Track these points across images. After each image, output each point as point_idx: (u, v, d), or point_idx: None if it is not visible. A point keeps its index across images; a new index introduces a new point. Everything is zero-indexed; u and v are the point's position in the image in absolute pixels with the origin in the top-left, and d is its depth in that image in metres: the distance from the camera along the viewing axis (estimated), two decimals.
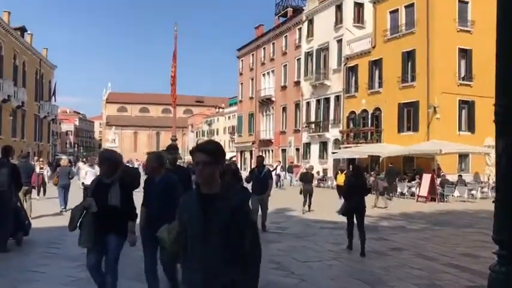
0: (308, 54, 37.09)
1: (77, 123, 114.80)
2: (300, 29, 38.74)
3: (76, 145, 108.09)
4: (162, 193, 4.78)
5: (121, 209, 4.54)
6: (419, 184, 21.63)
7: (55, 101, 53.60)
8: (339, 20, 33.55)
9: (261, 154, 43.12)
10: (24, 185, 9.52)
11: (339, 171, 20.56)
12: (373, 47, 30.06)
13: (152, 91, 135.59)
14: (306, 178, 15.88)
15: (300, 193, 15.78)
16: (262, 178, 10.57)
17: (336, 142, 33.08)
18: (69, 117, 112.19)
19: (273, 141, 42.84)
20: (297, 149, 38.68)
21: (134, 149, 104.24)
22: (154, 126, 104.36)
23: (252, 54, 48.23)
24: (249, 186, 9.58)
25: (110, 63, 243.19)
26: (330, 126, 34.08)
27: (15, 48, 41.62)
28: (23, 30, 46.01)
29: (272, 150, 43.20)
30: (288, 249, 8.77)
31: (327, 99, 34.63)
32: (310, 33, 37.04)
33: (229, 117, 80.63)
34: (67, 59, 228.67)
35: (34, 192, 15.02)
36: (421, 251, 8.87)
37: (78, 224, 4.59)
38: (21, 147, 42.75)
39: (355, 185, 8.76)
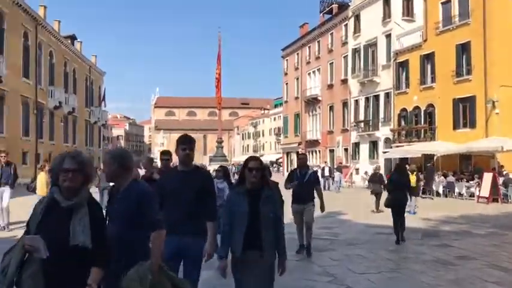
0: (355, 51, 35.95)
1: (127, 128, 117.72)
2: (346, 26, 37.66)
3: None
4: (124, 213, 3.13)
5: (92, 251, 2.65)
6: (479, 184, 20.26)
7: (105, 106, 54.87)
8: (387, 14, 32.27)
9: (303, 152, 42.10)
10: None
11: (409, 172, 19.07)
12: (425, 41, 28.62)
13: (199, 95, 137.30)
14: (375, 178, 16.22)
15: (371, 193, 16.05)
16: (306, 183, 8.17)
17: (387, 141, 31.79)
18: (119, 122, 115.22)
19: (320, 141, 41.88)
20: (346, 149, 37.57)
21: None
22: (201, 129, 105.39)
23: (297, 54, 47.47)
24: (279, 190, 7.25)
25: (158, 68, 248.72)
26: (380, 124, 32.81)
27: (65, 56, 42.82)
28: (73, 38, 47.35)
29: (319, 151, 42.23)
30: (342, 259, 8.05)
31: (376, 97, 33.39)
32: (356, 29, 35.90)
33: (274, 119, 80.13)
34: (117, 66, 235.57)
35: None
36: (494, 260, 7.91)
37: (14, 280, 2.62)
38: None
39: (398, 181, 9.91)
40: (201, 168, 4.98)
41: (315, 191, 8.33)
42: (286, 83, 50.39)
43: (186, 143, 4.22)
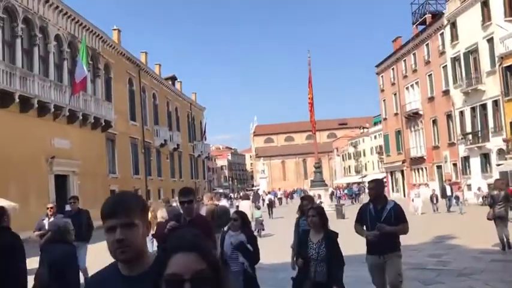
0: (455, 60, 33.83)
1: (229, 157, 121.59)
2: (442, 35, 35.72)
3: (230, 178, 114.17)
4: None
5: None
6: None
7: (205, 140, 57.22)
8: (486, 17, 30.06)
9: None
10: None
11: None
12: None
13: (295, 119, 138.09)
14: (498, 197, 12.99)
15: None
16: (383, 221, 5.46)
17: (500, 152, 29.14)
18: (222, 153, 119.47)
19: (425, 157, 39.65)
20: (454, 164, 35.11)
21: (283, 177, 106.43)
22: (300, 153, 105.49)
23: (392, 69, 45.90)
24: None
25: (255, 98, 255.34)
26: (490, 135, 30.24)
27: (167, 96, 45.59)
28: (173, 79, 50.41)
29: (425, 168, 39.93)
30: None
31: (483, 106, 30.93)
32: (454, 37, 33.86)
33: (375, 137, 77.77)
34: (215, 100, 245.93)
35: None
36: None
37: None
38: (180, 186, 46.19)
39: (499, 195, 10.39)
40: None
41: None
42: (384, 100, 48.80)
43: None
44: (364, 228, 5.68)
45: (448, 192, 25.63)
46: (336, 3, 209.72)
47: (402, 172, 45.10)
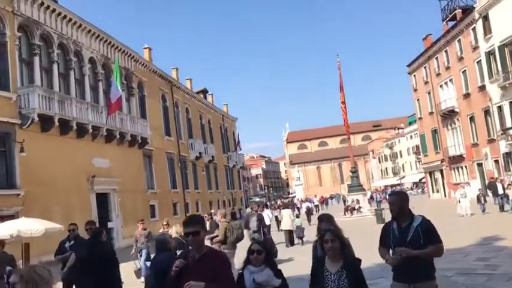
0: (489, 54, 32.92)
1: (264, 166, 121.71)
2: (474, 29, 34.86)
3: (266, 187, 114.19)
4: None
5: None
6: None
7: (240, 150, 57.50)
8: None
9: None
10: None
11: None
12: None
13: (328, 123, 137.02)
14: None
15: None
16: (411, 245, 4.28)
17: None
18: (256, 162, 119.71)
19: (464, 156, 38.61)
20: (496, 161, 34.03)
21: (319, 183, 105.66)
22: (335, 158, 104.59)
23: (425, 67, 45.06)
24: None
25: (286, 105, 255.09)
26: None
27: (200, 110, 46.17)
28: (204, 92, 51.02)
29: (465, 167, 38.86)
30: None
31: None
32: (487, 30, 32.99)
33: (410, 137, 76.39)
34: (247, 110, 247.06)
35: None
36: None
37: None
38: (217, 198, 46.68)
39: None
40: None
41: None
42: (418, 99, 47.91)
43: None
44: (391, 252, 4.40)
45: (500, 191, 23.49)
46: (362, 5, 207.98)
47: (441, 172, 44.05)
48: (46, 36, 22.83)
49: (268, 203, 52.11)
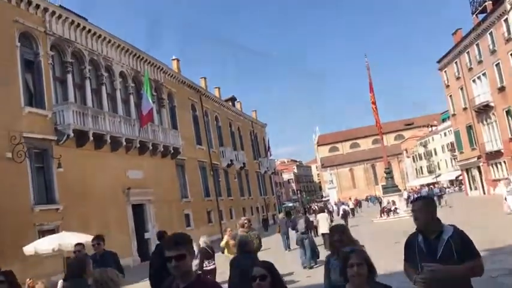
0: None
1: (295, 170, 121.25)
2: (506, 21, 33.88)
3: (298, 191, 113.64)
4: None
5: None
6: None
7: (270, 155, 57.46)
8: None
9: (426, 197, 38.27)
10: None
11: None
12: None
13: (358, 125, 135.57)
14: None
15: None
16: (442, 261, 3.44)
17: None
18: (287, 167, 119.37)
19: (502, 151, 37.46)
20: None
21: (353, 185, 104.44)
22: (368, 159, 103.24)
23: (455, 62, 44.06)
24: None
25: (315, 108, 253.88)
26: None
27: (229, 117, 46.42)
28: (233, 99, 51.31)
29: (504, 162, 37.68)
30: None
31: None
32: None
33: (445, 134, 74.70)
34: (276, 114, 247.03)
35: None
36: None
37: None
38: (250, 204, 46.73)
39: None
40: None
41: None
42: (450, 95, 46.86)
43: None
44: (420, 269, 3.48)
45: None
46: (389, 3, 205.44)
47: (479, 168, 42.86)
48: (77, 53, 23.45)
49: (306, 208, 51.67)
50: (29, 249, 13.74)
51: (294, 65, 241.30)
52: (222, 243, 11.88)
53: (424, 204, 3.74)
